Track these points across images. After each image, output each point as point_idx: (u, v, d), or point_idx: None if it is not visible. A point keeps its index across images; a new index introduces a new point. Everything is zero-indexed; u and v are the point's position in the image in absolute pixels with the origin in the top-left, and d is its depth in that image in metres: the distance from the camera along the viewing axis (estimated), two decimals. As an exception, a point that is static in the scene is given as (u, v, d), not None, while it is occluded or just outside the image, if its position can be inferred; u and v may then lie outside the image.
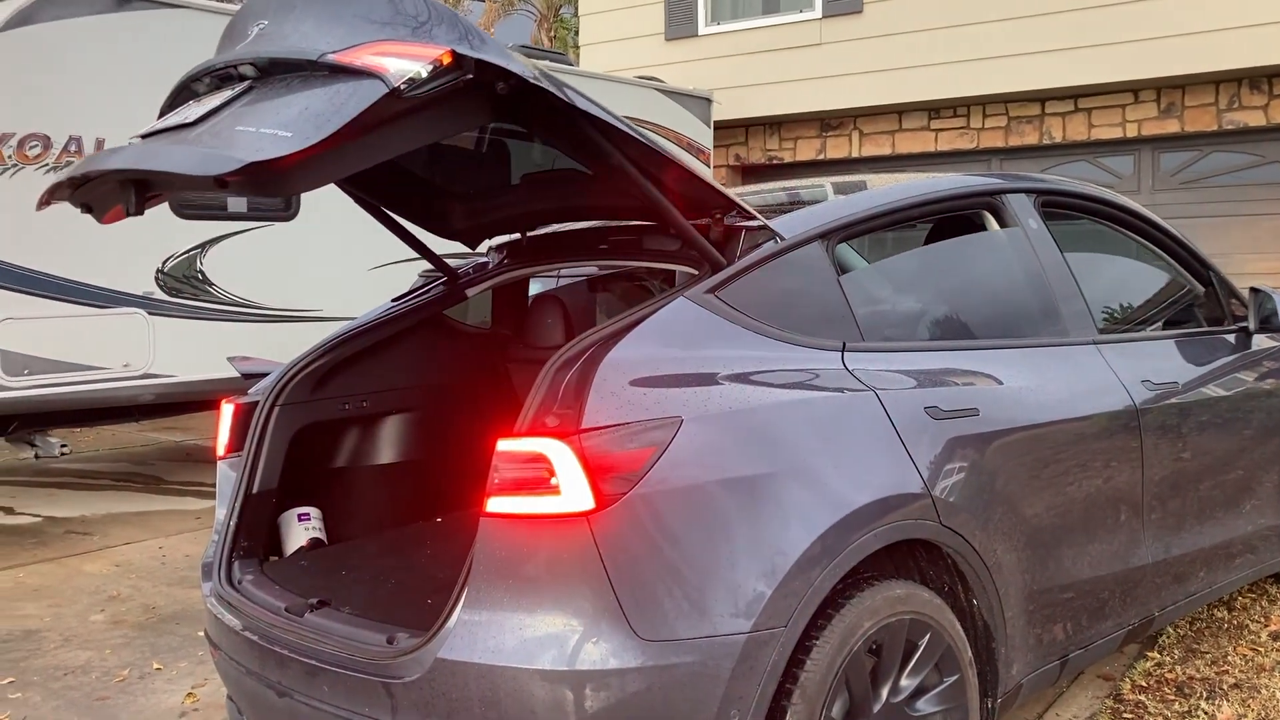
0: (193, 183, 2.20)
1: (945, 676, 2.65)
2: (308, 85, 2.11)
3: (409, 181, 3.23)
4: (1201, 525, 3.60)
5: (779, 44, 10.56)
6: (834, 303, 2.74)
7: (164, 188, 2.41)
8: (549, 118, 2.32)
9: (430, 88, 2.04)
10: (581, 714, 2.15)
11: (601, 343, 2.37)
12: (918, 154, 10.37)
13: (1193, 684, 3.65)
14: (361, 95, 1.99)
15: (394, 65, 2.01)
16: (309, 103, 2.05)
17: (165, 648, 4.34)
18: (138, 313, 6.36)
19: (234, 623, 2.77)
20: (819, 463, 2.45)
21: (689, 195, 2.62)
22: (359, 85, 2.02)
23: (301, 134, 1.96)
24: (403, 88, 1.99)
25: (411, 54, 2.03)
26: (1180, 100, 9.11)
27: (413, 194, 3.28)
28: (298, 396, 3.17)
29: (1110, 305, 3.68)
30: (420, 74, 2.00)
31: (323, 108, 2.01)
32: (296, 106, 2.06)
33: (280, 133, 1.98)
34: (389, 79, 1.99)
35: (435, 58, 2.00)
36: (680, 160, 2.47)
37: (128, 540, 6.05)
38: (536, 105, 2.23)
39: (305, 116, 2.01)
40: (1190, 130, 9.10)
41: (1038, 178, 3.63)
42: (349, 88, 2.02)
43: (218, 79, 2.39)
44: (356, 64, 2.05)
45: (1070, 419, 3.09)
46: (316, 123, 1.97)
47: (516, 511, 2.20)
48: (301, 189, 2.26)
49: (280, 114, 2.07)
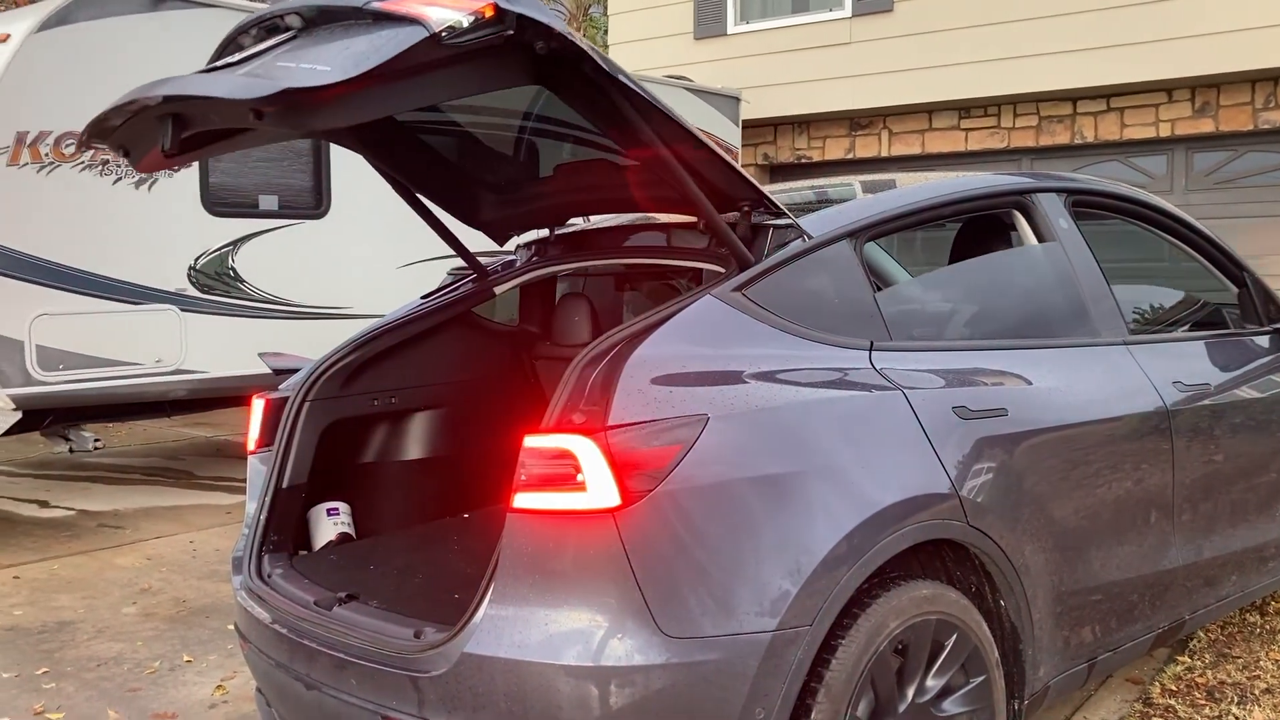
0: (230, 111, 2.23)
1: (971, 677, 2.64)
2: (351, 32, 2.15)
3: (443, 167, 3.25)
4: (1233, 529, 3.56)
5: (808, 43, 10.53)
6: (862, 301, 2.74)
7: (202, 122, 2.40)
8: (585, 87, 2.31)
9: (471, 39, 2.06)
10: (606, 710, 2.15)
11: (628, 340, 2.37)
12: (948, 154, 10.31)
13: (1224, 689, 3.61)
14: (402, 38, 2.03)
15: (436, 13, 2.04)
16: (350, 45, 2.09)
17: (195, 640, 4.39)
18: (170, 309, 6.44)
19: (264, 616, 2.79)
20: (846, 462, 2.44)
21: (718, 184, 2.61)
22: (400, 30, 2.05)
23: (340, 69, 2.00)
24: (443, 34, 2.02)
25: (455, 4, 2.06)
26: (1215, 99, 9.01)
27: (446, 180, 3.30)
28: (327, 392, 3.20)
29: (1141, 306, 3.65)
30: (461, 23, 2.03)
31: (363, 48, 2.05)
32: (337, 47, 2.11)
33: (319, 67, 2.03)
34: (430, 25, 2.02)
35: (478, 9, 2.03)
36: (711, 145, 2.47)
37: (159, 534, 6.12)
38: (574, 73, 2.24)
39: (345, 55, 2.05)
40: (1225, 130, 8.99)
41: (1068, 177, 3.60)
42: (390, 32, 2.07)
43: (265, 30, 2.42)
44: (400, 10, 2.08)
45: (1100, 420, 3.07)
46: (355, 60, 2.01)
47: (543, 507, 2.21)
48: (334, 123, 2.29)
49: (321, 53, 2.12)
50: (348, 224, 7.22)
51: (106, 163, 6.12)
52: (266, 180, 6.90)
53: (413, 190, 3.29)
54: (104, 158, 6.10)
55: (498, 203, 3.38)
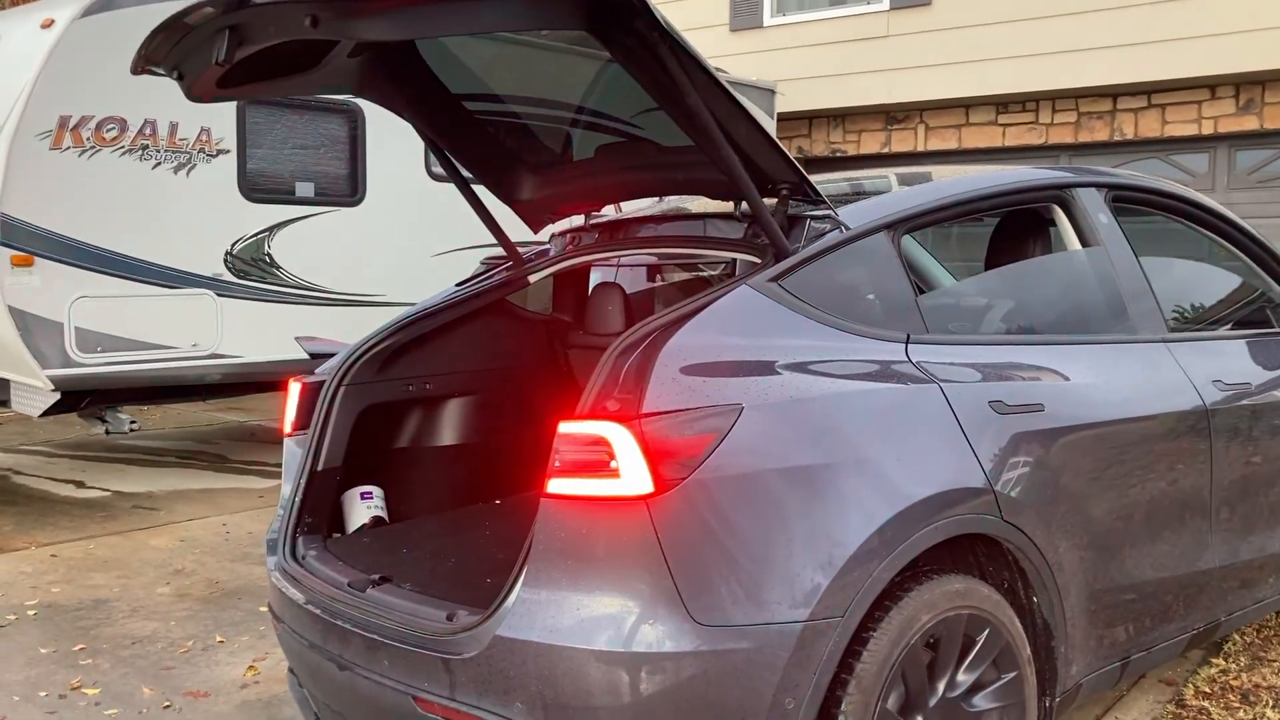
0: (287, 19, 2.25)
1: (1003, 673, 2.62)
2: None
3: (488, 141, 3.27)
4: (1271, 531, 3.52)
5: (845, 36, 10.47)
6: (899, 294, 2.72)
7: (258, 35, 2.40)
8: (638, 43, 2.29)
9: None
10: (636, 695, 2.16)
11: (663, 329, 2.37)
12: (984, 149, 10.23)
13: (1259, 692, 3.57)
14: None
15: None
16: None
17: (228, 621, 4.44)
18: (206, 293, 6.50)
19: (297, 596, 2.82)
20: (880, 454, 2.43)
21: (759, 161, 2.60)
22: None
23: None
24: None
25: None
26: (1259, 96, 8.88)
27: (489, 155, 3.32)
28: (363, 377, 3.22)
29: (1182, 304, 3.60)
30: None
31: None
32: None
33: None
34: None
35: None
36: (752, 117, 2.46)
37: (193, 516, 6.19)
38: (626, 26, 2.23)
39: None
40: (1270, 128, 8.86)
41: (1109, 172, 3.57)
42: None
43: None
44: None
45: (1138, 418, 3.04)
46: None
47: (577, 493, 2.22)
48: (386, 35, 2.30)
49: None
50: (383, 212, 7.26)
51: (146, 147, 6.19)
52: (303, 167, 6.95)
53: (457, 163, 3.30)
54: (144, 142, 6.17)
55: (538, 183, 3.39)
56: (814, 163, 11.32)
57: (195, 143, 6.40)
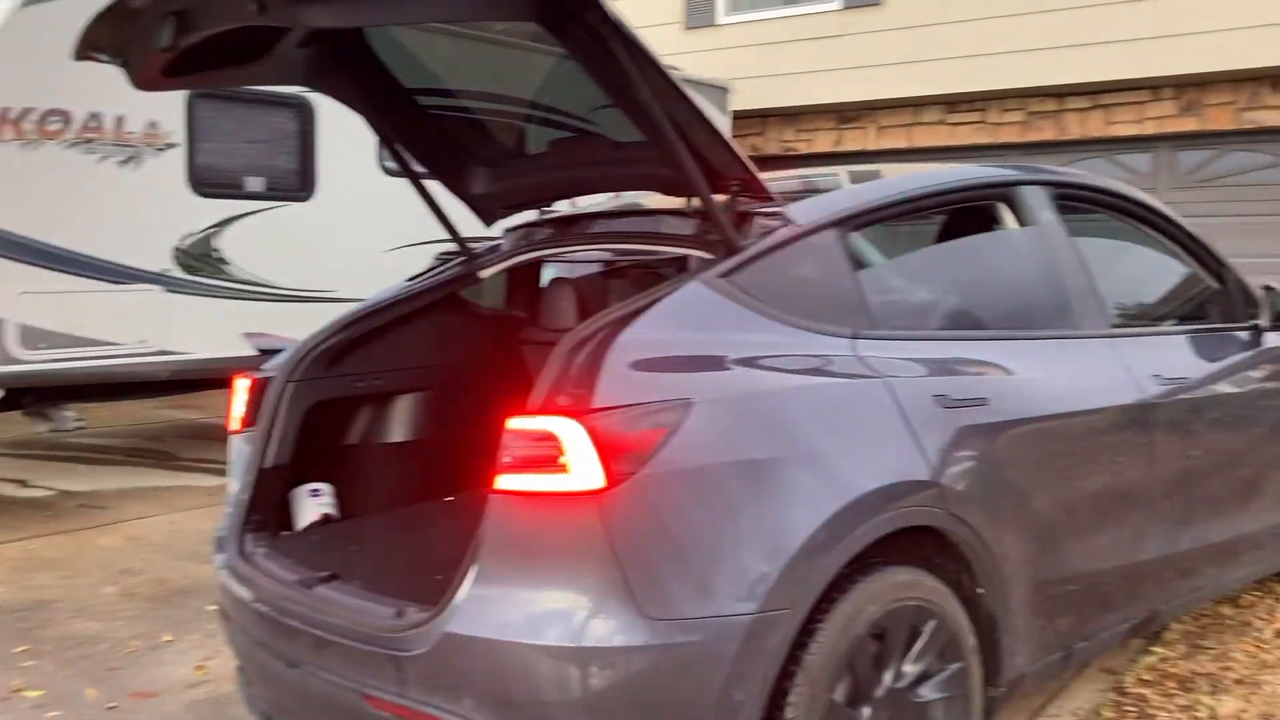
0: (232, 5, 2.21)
1: (948, 664, 2.66)
2: None
3: (440, 136, 3.26)
4: (1209, 522, 3.60)
5: (798, 35, 10.54)
6: (846, 290, 2.76)
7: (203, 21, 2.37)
8: (588, 36, 2.29)
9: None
10: (587, 690, 2.17)
11: (614, 324, 2.38)
12: (934, 148, 10.35)
13: (1196, 679, 3.66)
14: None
15: None
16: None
17: (176, 620, 4.39)
18: (154, 289, 6.41)
19: (246, 594, 2.80)
20: (828, 448, 2.46)
21: (710, 157, 2.62)
22: None
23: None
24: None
25: None
26: (1200, 99, 9.06)
27: (442, 149, 3.30)
28: (312, 373, 3.20)
29: (1123, 299, 3.68)
30: None
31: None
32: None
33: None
34: None
35: None
36: (703, 112, 2.47)
37: (140, 515, 6.10)
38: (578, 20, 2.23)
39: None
40: (1209, 129, 9.05)
41: (1053, 170, 3.63)
42: None
43: None
44: None
45: (1080, 411, 3.10)
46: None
47: (526, 489, 2.22)
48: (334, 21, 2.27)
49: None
50: (334, 207, 7.19)
51: (92, 141, 6.09)
52: (253, 161, 6.87)
53: (408, 157, 3.29)
54: (89, 135, 6.07)
55: (491, 177, 3.38)
56: (767, 161, 11.37)
57: (143, 136, 6.31)
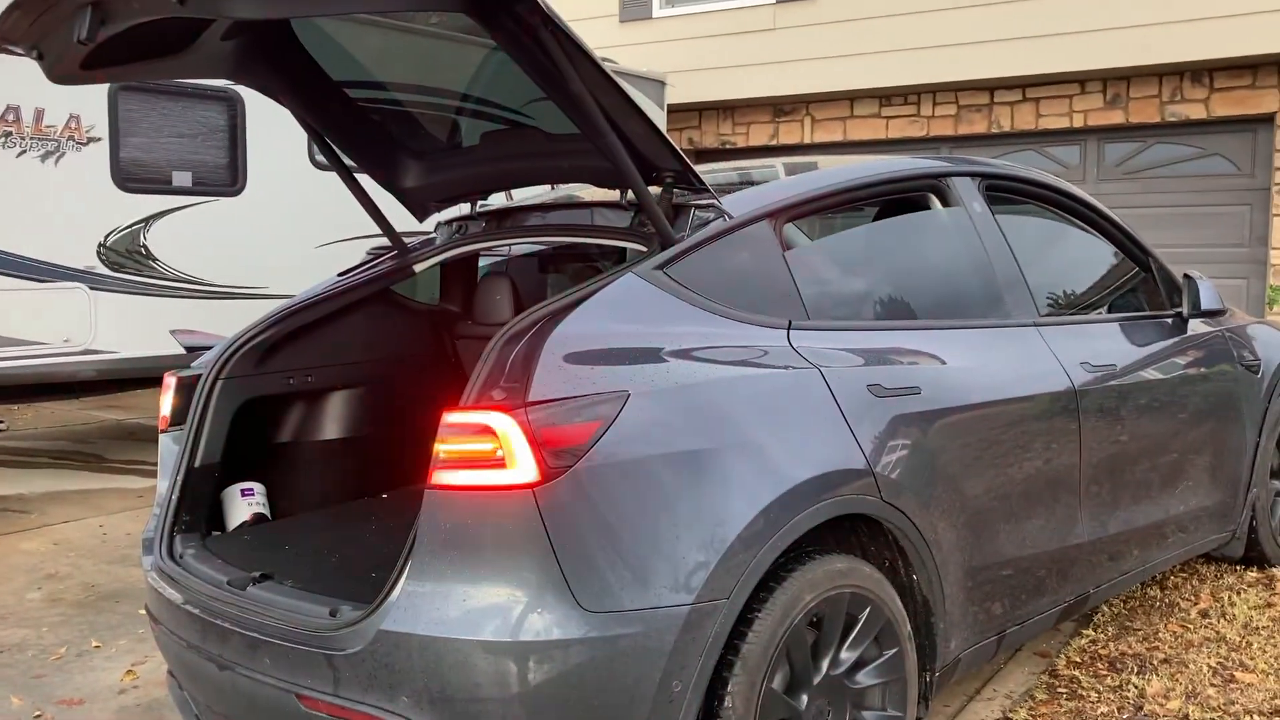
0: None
1: (885, 650, 2.69)
2: None
3: (371, 129, 3.21)
4: (1136, 505, 3.68)
5: (733, 28, 10.58)
6: (780, 281, 2.77)
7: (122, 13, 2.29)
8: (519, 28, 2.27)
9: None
10: (525, 685, 2.16)
11: (549, 317, 2.37)
12: (869, 141, 10.45)
13: (1125, 659, 3.74)
14: None
15: None
16: None
17: (105, 625, 4.28)
18: (79, 287, 6.25)
19: (175, 597, 2.74)
20: (763, 438, 2.47)
21: (644, 149, 2.61)
22: None
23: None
24: None
25: None
26: (1125, 92, 9.27)
27: (372, 142, 3.25)
28: (241, 370, 3.14)
29: (1052, 289, 3.74)
30: None
31: None
32: None
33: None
34: None
35: None
36: (638, 104, 2.47)
37: (67, 518, 5.95)
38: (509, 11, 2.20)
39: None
40: (1134, 121, 9.26)
41: (983, 162, 3.68)
42: None
43: None
44: None
45: (1010, 399, 3.15)
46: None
47: (462, 484, 2.20)
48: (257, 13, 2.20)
49: None
50: (265, 202, 7.07)
51: (10, 135, 5.91)
52: (180, 156, 6.73)
53: (339, 151, 3.24)
54: (6, 129, 5.89)
55: (422, 170, 3.34)
56: (704, 154, 11.42)
57: (64, 130, 6.14)
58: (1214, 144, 9.11)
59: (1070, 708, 3.38)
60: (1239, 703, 3.37)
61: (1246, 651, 3.78)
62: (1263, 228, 8.89)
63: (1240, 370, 4.27)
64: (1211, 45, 8.53)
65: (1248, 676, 3.57)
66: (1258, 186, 8.92)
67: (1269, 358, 4.47)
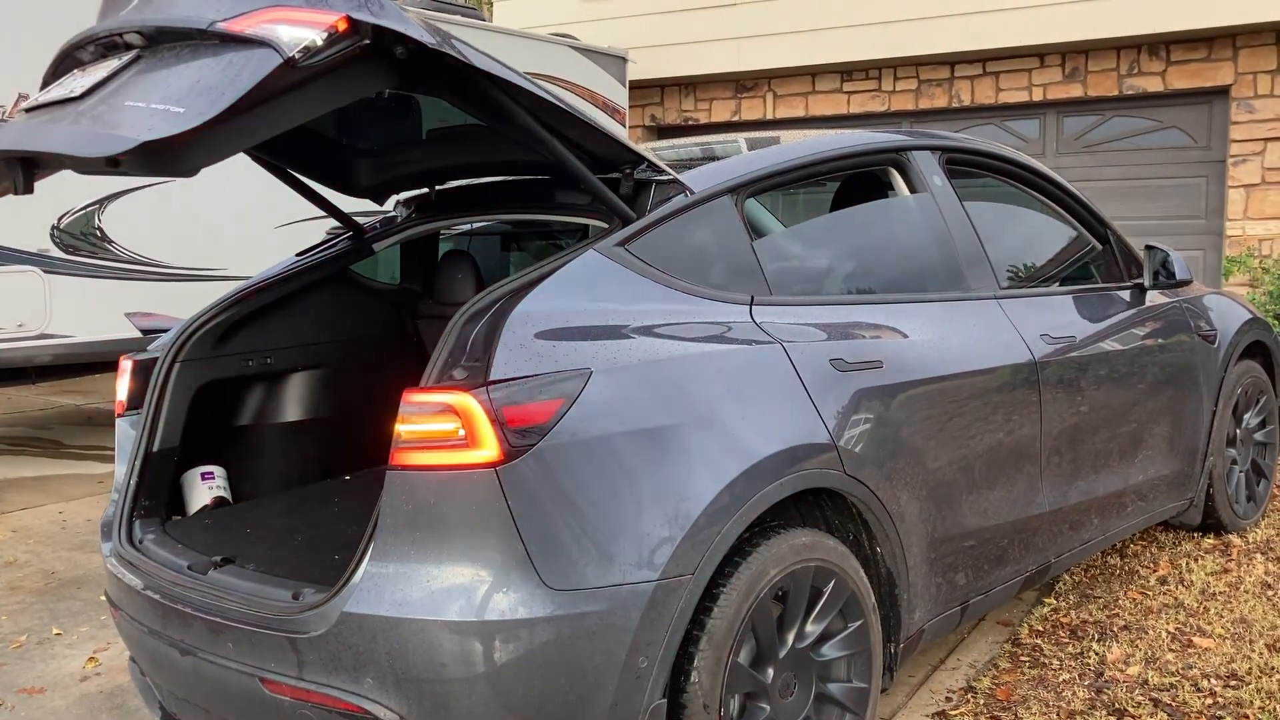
0: (84, 162, 2.12)
1: (849, 622, 2.71)
2: (198, 55, 2.04)
3: (313, 140, 3.15)
4: (1096, 475, 3.73)
5: (694, 4, 10.52)
6: (742, 256, 2.76)
7: (53, 166, 2.31)
8: (451, 79, 2.28)
9: (326, 55, 1.99)
10: (490, 664, 2.15)
11: (510, 295, 2.35)
12: (830, 116, 10.45)
13: (1086, 627, 3.80)
14: (255, 67, 1.93)
15: (287, 34, 1.94)
16: (201, 75, 1.98)
17: (65, 613, 4.23)
18: (32, 270, 6.14)
19: (135, 582, 2.71)
20: (727, 414, 2.47)
21: (597, 151, 2.61)
22: (252, 55, 1.95)
23: (195, 110, 1.90)
24: (298, 57, 1.93)
25: (305, 20, 1.96)
26: (1083, 65, 9.32)
27: (317, 153, 3.21)
28: (199, 353, 3.10)
29: (1012, 262, 3.76)
30: (315, 42, 1.95)
31: (216, 80, 1.94)
32: (188, 79, 1.99)
33: (172, 109, 1.92)
34: (283, 49, 1.92)
35: (330, 24, 1.95)
36: (585, 116, 2.46)
37: (25, 505, 5.86)
38: (438, 67, 2.20)
39: (198, 90, 1.94)
40: (1093, 95, 9.32)
41: (943, 135, 3.69)
42: (242, 58, 1.96)
43: (103, 47, 2.30)
44: (248, 33, 1.97)
45: (972, 372, 3.17)
46: (210, 97, 1.91)
47: (424, 464, 2.19)
48: (199, 165, 2.14)
49: (171, 87, 2.00)
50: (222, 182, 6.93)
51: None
52: (134, 136, 6.60)
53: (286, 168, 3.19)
54: (-46, 110, 5.75)
55: (376, 168, 3.30)
56: (666, 130, 11.37)
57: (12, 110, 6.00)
58: (1171, 117, 9.19)
59: (1033, 675, 3.43)
60: (1197, 667, 3.43)
61: (1204, 617, 3.85)
62: (1218, 200, 8.99)
63: (1197, 340, 4.33)
64: (1168, 18, 8.58)
65: (1205, 641, 3.63)
66: (1214, 159, 9.02)
67: (1225, 328, 4.53)
